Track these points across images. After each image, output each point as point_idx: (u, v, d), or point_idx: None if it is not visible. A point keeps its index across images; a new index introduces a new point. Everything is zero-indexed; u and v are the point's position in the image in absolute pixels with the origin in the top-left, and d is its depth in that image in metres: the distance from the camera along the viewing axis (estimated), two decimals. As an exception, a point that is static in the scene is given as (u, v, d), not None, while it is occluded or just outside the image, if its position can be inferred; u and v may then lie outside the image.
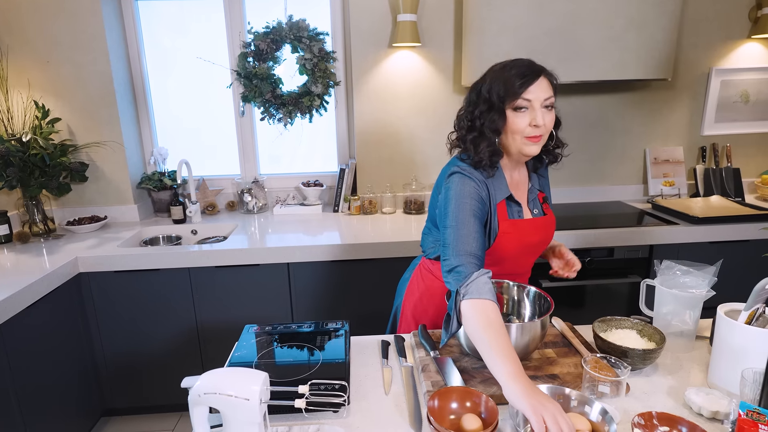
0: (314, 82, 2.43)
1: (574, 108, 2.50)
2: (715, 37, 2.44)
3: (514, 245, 1.20)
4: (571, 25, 1.98)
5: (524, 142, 1.13)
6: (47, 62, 2.24)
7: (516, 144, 1.14)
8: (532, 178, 1.28)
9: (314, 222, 2.36)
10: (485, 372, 1.03)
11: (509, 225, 1.19)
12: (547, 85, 1.11)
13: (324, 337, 1.17)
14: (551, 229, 1.28)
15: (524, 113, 1.11)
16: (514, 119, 1.11)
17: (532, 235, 1.23)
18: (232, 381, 0.78)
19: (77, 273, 1.95)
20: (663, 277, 1.14)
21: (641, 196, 2.62)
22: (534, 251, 1.28)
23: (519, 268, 1.29)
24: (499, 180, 1.19)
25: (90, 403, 2.05)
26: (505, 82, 1.10)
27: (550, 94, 1.11)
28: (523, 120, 1.11)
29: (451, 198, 1.14)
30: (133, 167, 2.46)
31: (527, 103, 1.10)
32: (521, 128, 1.11)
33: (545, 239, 1.27)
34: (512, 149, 1.16)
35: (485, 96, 1.13)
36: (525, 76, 1.09)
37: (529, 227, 1.22)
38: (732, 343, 0.93)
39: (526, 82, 1.09)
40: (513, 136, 1.13)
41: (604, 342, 1.05)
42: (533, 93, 1.09)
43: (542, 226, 1.25)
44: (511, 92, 1.09)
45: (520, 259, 1.26)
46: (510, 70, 1.11)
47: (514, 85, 1.09)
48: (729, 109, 2.54)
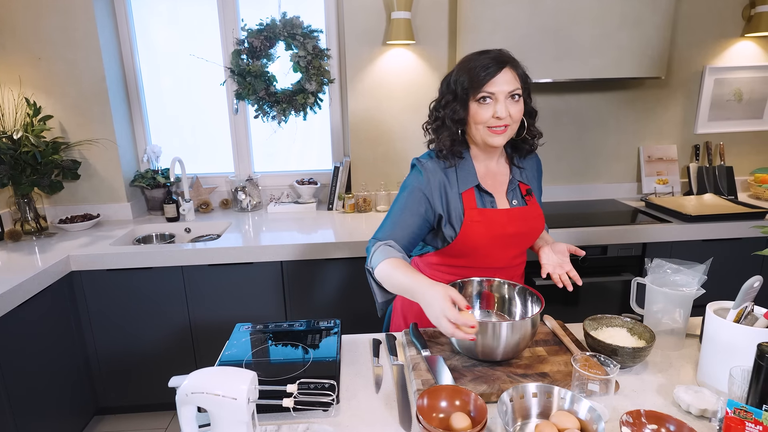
0: (308, 80, 2.42)
1: (568, 106, 2.50)
2: (709, 35, 2.44)
3: (485, 235, 1.19)
4: (565, 23, 1.98)
5: (488, 133, 1.15)
6: (39, 59, 2.23)
7: (480, 134, 1.17)
8: (513, 170, 1.28)
9: (308, 220, 2.36)
10: (476, 370, 1.03)
11: (477, 213, 1.19)
12: (512, 77, 1.13)
13: (315, 335, 1.17)
14: (534, 221, 1.25)
15: (488, 105, 1.13)
16: (477, 110, 1.14)
17: (506, 225, 1.21)
18: (219, 380, 0.77)
19: (69, 271, 1.94)
20: (654, 275, 1.15)
21: (635, 194, 2.63)
22: (512, 243, 1.23)
23: (497, 261, 1.24)
24: (466, 169, 1.21)
25: (83, 401, 2.05)
26: (470, 73, 1.12)
27: (515, 86, 1.13)
28: (486, 111, 1.13)
29: (400, 189, 1.24)
30: (126, 165, 2.45)
31: (490, 95, 1.12)
32: (484, 119, 1.14)
33: (525, 231, 1.24)
34: (477, 140, 1.19)
35: (452, 87, 1.17)
36: (489, 67, 1.11)
37: (502, 217, 1.21)
38: (720, 341, 0.94)
39: (489, 74, 1.11)
40: (476, 127, 1.16)
41: (595, 340, 1.05)
42: (497, 85, 1.11)
43: (519, 217, 1.23)
44: (475, 84, 1.12)
45: (496, 251, 1.22)
46: (476, 61, 1.13)
47: (478, 77, 1.11)
48: (722, 108, 2.55)
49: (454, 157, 1.20)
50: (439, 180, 1.20)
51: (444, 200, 1.20)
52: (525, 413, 0.88)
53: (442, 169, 1.20)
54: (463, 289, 1.20)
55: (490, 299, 1.21)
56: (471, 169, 1.22)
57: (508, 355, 1.03)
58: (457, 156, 1.20)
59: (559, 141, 2.55)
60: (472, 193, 1.21)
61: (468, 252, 1.21)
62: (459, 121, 1.17)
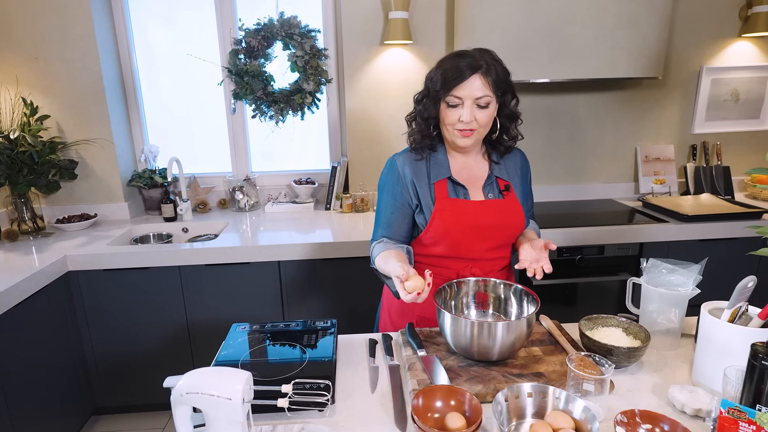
0: (306, 80, 2.42)
1: (566, 106, 2.50)
2: (706, 35, 2.45)
3: (455, 224, 1.22)
4: (562, 23, 1.98)
5: (456, 135, 1.20)
6: (36, 59, 2.22)
7: (448, 134, 1.22)
8: (492, 166, 1.30)
9: (306, 220, 2.36)
10: (471, 370, 1.03)
11: (447, 203, 1.23)
12: (482, 84, 1.14)
13: (312, 335, 1.17)
14: (510, 215, 1.26)
15: (456, 108, 1.17)
16: (446, 112, 1.19)
17: (478, 216, 1.23)
18: (214, 380, 0.77)
19: (66, 271, 1.94)
20: (649, 275, 1.15)
21: (632, 194, 2.63)
22: (485, 236, 1.24)
23: (470, 252, 1.26)
24: (439, 163, 1.26)
25: (80, 401, 2.05)
26: (443, 75, 1.16)
27: (484, 93, 1.15)
28: (454, 114, 1.17)
29: (378, 190, 1.33)
30: (123, 165, 2.45)
31: (458, 100, 1.16)
32: (452, 121, 1.18)
33: (500, 224, 1.25)
34: (448, 138, 1.24)
35: (428, 84, 1.22)
36: (459, 72, 1.14)
37: (474, 208, 1.23)
38: (715, 341, 0.94)
39: (459, 79, 1.14)
40: (446, 127, 1.21)
41: (590, 340, 1.05)
42: (464, 91, 1.14)
43: (494, 209, 1.24)
44: (445, 86, 1.16)
45: (468, 241, 1.24)
46: (450, 63, 1.17)
47: (448, 80, 1.15)
48: (719, 108, 2.55)
49: (424, 150, 1.26)
50: (408, 172, 1.25)
51: (414, 190, 1.25)
52: (520, 413, 0.88)
53: (412, 162, 1.26)
54: (458, 289, 1.20)
55: (485, 299, 1.21)
56: (444, 163, 1.26)
57: (503, 355, 1.03)
58: (427, 149, 1.26)
59: (557, 141, 2.55)
60: (444, 184, 1.25)
61: (439, 240, 1.24)
62: (429, 118, 1.22)
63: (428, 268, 1.26)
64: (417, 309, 1.32)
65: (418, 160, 1.26)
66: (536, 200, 2.52)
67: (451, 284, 1.19)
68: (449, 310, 1.18)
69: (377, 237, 1.30)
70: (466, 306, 1.20)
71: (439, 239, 1.24)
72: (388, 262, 1.14)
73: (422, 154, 1.26)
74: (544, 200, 2.59)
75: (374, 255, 1.25)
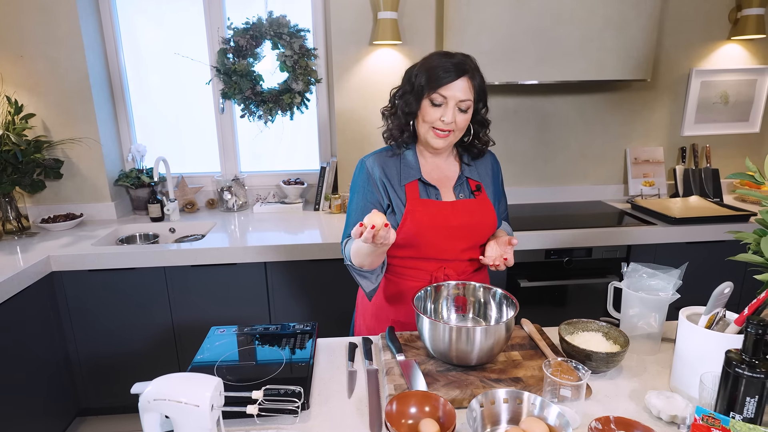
0: (295, 80, 2.41)
1: (555, 107, 2.50)
2: (696, 38, 2.45)
3: (427, 224, 1.22)
4: (550, 24, 1.97)
5: (431, 134, 1.20)
6: (21, 56, 2.20)
7: (424, 132, 1.21)
8: (463, 167, 1.30)
9: (294, 220, 2.35)
10: (450, 375, 1.03)
11: (418, 204, 1.23)
12: (467, 87, 1.16)
13: (290, 338, 1.16)
14: (482, 215, 1.26)
15: (439, 108, 1.17)
16: (428, 109, 1.18)
17: (450, 217, 1.23)
18: (183, 387, 0.76)
19: (50, 272, 1.92)
20: (630, 279, 1.15)
21: (621, 196, 2.63)
22: (458, 235, 1.25)
23: (443, 252, 1.26)
24: (409, 164, 1.26)
25: (64, 403, 2.03)
26: (430, 72, 1.16)
27: (468, 97, 1.17)
28: (435, 112, 1.17)
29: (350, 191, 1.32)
30: (110, 164, 2.43)
31: (442, 99, 1.16)
32: (432, 119, 1.18)
33: (472, 224, 1.25)
34: (422, 136, 1.23)
35: (411, 79, 1.21)
36: (448, 71, 1.14)
37: (445, 209, 1.24)
38: (692, 347, 0.94)
39: (446, 79, 1.14)
40: (423, 124, 1.21)
41: (569, 345, 1.05)
42: (450, 91, 1.15)
43: (465, 209, 1.25)
44: (431, 85, 1.15)
45: (440, 241, 1.24)
46: (439, 61, 1.17)
47: (436, 78, 1.15)
48: (709, 110, 2.56)
49: (400, 146, 1.26)
50: (378, 173, 1.25)
51: (385, 191, 1.25)
52: (495, 419, 0.88)
53: (382, 164, 1.26)
54: (437, 292, 1.19)
55: (464, 303, 1.20)
56: (414, 164, 1.26)
57: (482, 359, 1.03)
58: (404, 145, 1.26)
59: (546, 142, 2.55)
60: (415, 186, 1.25)
61: (411, 241, 1.24)
62: (410, 113, 1.21)
63: (401, 270, 1.30)
64: (391, 313, 1.31)
65: (390, 157, 1.27)
66: (525, 202, 2.56)
67: (431, 288, 1.18)
68: (428, 314, 1.17)
69: (347, 236, 1.30)
70: (446, 309, 1.20)
71: (412, 240, 1.24)
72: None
73: (397, 150, 1.27)
74: (533, 202, 2.59)
75: (348, 250, 1.24)
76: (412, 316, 1.28)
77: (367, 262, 1.18)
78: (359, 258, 1.17)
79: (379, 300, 1.33)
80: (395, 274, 1.31)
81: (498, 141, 2.49)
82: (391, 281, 1.32)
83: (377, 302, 1.33)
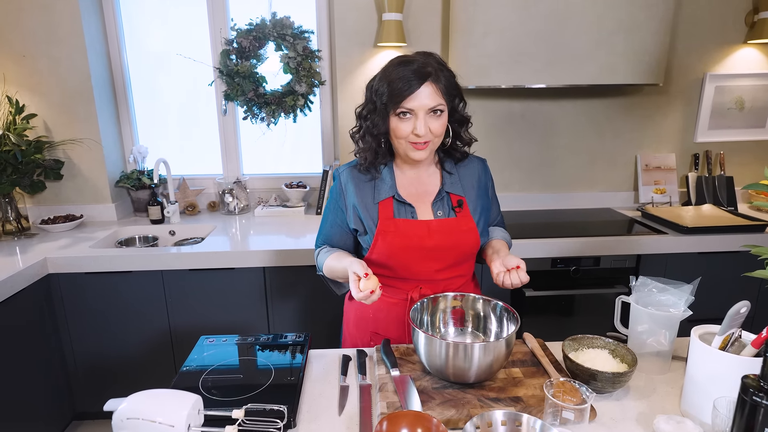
0: (298, 81, 2.37)
1: (564, 112, 2.44)
2: (710, 41, 2.38)
3: (398, 246, 1.15)
4: (559, 27, 1.92)
5: (410, 147, 1.12)
6: (23, 56, 2.19)
7: (402, 148, 1.14)
8: (445, 179, 1.21)
9: (296, 224, 2.30)
10: (446, 393, 0.98)
11: (391, 224, 1.16)
12: (433, 91, 1.08)
13: (282, 350, 1.12)
14: (460, 234, 1.17)
15: (408, 119, 1.09)
16: (397, 124, 1.10)
17: (424, 237, 1.15)
18: (158, 405, 0.72)
19: (46, 274, 1.90)
20: (638, 294, 1.09)
21: (632, 204, 2.56)
22: (431, 257, 1.17)
23: (417, 274, 1.19)
24: (385, 179, 1.19)
25: (60, 407, 2.00)
26: (390, 86, 1.08)
27: (437, 101, 1.08)
28: (406, 126, 1.09)
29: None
30: (111, 165, 2.40)
31: (410, 110, 1.08)
32: (405, 134, 1.10)
33: (448, 245, 1.17)
34: (400, 152, 1.16)
35: (373, 97, 1.13)
36: (408, 81, 1.06)
37: (419, 229, 1.16)
38: (705, 370, 0.88)
39: (408, 90, 1.06)
40: (398, 141, 1.13)
41: (573, 363, 0.99)
42: (416, 101, 1.07)
43: (441, 229, 1.16)
44: (394, 100, 1.07)
45: (413, 263, 1.17)
46: (396, 72, 1.08)
47: (397, 92, 1.06)
48: (723, 116, 2.48)
49: (375, 170, 1.20)
50: (351, 190, 1.20)
51: (354, 211, 1.19)
52: (492, 443, 0.82)
53: (356, 180, 1.20)
54: (434, 304, 1.14)
55: (462, 316, 1.15)
56: (390, 180, 1.19)
57: (480, 377, 0.97)
58: (378, 168, 1.20)
59: (554, 148, 2.48)
60: (390, 203, 1.18)
61: (384, 262, 1.18)
62: (379, 135, 1.14)
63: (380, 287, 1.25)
64: (371, 323, 1.27)
65: (368, 181, 1.20)
66: (532, 209, 2.50)
67: (428, 300, 1.13)
68: (425, 327, 1.12)
69: (319, 244, 1.30)
70: (443, 323, 1.14)
71: (384, 261, 1.18)
72: (343, 260, 1.13)
73: (373, 174, 1.20)
74: (540, 208, 2.52)
75: (321, 261, 1.23)
76: (389, 329, 1.24)
77: (341, 280, 1.22)
78: (335, 274, 1.20)
79: (359, 309, 1.29)
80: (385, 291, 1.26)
81: (503, 146, 2.47)
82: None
83: (358, 311, 1.29)
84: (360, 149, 1.19)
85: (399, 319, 1.23)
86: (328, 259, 1.21)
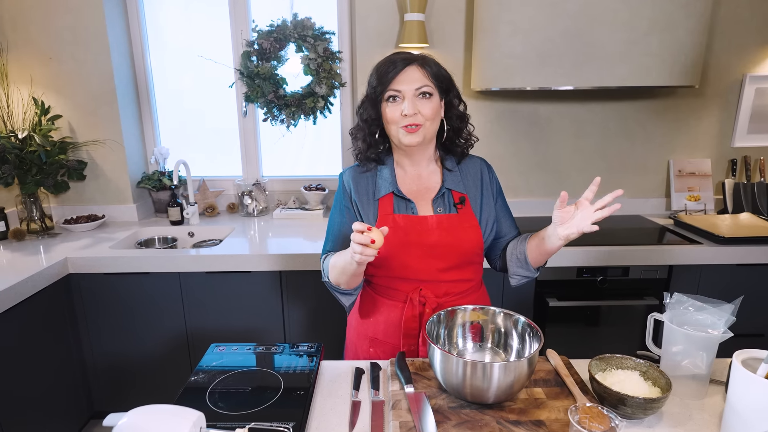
0: (318, 83, 2.34)
1: (593, 115, 2.35)
2: (750, 41, 2.25)
3: (397, 243, 1.14)
4: (588, 27, 1.84)
5: (401, 132, 1.13)
6: (50, 58, 2.22)
7: (395, 134, 1.15)
8: (446, 177, 1.21)
9: (314, 227, 2.28)
10: (463, 413, 0.92)
11: (390, 220, 1.16)
12: (420, 74, 1.10)
13: (292, 361, 1.08)
14: (462, 231, 1.16)
15: (397, 103, 1.11)
16: (387, 109, 1.13)
17: (424, 234, 1.15)
18: (158, 422, 0.69)
19: (67, 273, 1.91)
20: (673, 312, 1.01)
21: (663, 211, 2.45)
22: (434, 254, 1.15)
23: (418, 273, 1.16)
24: (385, 177, 1.20)
25: (78, 405, 2.02)
26: (378, 72, 1.12)
27: (424, 83, 1.10)
28: (395, 110, 1.12)
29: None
30: (133, 166, 2.42)
31: (398, 93, 1.11)
32: (395, 118, 1.12)
33: (450, 242, 1.15)
34: (395, 141, 1.17)
35: (366, 89, 1.17)
36: (395, 64, 1.10)
37: (420, 225, 1.15)
38: (749, 400, 0.80)
39: (394, 72, 1.10)
40: (390, 127, 1.14)
41: (601, 386, 0.92)
42: (403, 82, 1.10)
43: (442, 225, 1.16)
44: (382, 82, 1.11)
45: (414, 261, 1.15)
46: (386, 59, 1.13)
47: (384, 75, 1.11)
48: (764, 120, 2.35)
49: (370, 161, 1.20)
50: (353, 187, 1.21)
51: (357, 208, 1.20)
52: (511, 473, 0.77)
53: (358, 178, 1.21)
54: (451, 317, 1.08)
55: (479, 331, 1.09)
56: (390, 177, 1.20)
57: (500, 398, 0.92)
58: (374, 161, 1.20)
59: (582, 151, 2.39)
60: (389, 200, 1.18)
61: (384, 260, 1.16)
62: (371, 121, 1.16)
63: (378, 289, 1.24)
64: (369, 330, 1.24)
65: (365, 172, 1.21)
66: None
67: (444, 312, 1.07)
68: (441, 343, 1.07)
69: (326, 251, 1.26)
70: (461, 338, 1.09)
71: (383, 259, 1.15)
72: (345, 253, 1.08)
73: (368, 166, 1.21)
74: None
75: (326, 266, 1.19)
76: (388, 334, 1.21)
77: (343, 281, 1.13)
78: (336, 271, 1.13)
79: (359, 314, 1.27)
80: (372, 285, 1.25)
81: (529, 149, 2.39)
82: (368, 293, 1.26)
83: (358, 317, 1.27)
84: (355, 142, 1.22)
85: (398, 324, 1.20)
86: (332, 258, 1.17)
